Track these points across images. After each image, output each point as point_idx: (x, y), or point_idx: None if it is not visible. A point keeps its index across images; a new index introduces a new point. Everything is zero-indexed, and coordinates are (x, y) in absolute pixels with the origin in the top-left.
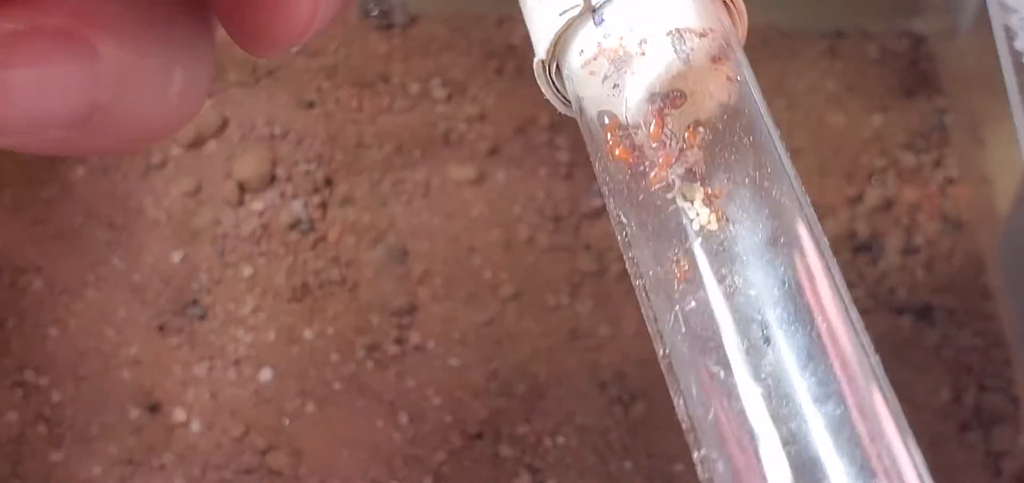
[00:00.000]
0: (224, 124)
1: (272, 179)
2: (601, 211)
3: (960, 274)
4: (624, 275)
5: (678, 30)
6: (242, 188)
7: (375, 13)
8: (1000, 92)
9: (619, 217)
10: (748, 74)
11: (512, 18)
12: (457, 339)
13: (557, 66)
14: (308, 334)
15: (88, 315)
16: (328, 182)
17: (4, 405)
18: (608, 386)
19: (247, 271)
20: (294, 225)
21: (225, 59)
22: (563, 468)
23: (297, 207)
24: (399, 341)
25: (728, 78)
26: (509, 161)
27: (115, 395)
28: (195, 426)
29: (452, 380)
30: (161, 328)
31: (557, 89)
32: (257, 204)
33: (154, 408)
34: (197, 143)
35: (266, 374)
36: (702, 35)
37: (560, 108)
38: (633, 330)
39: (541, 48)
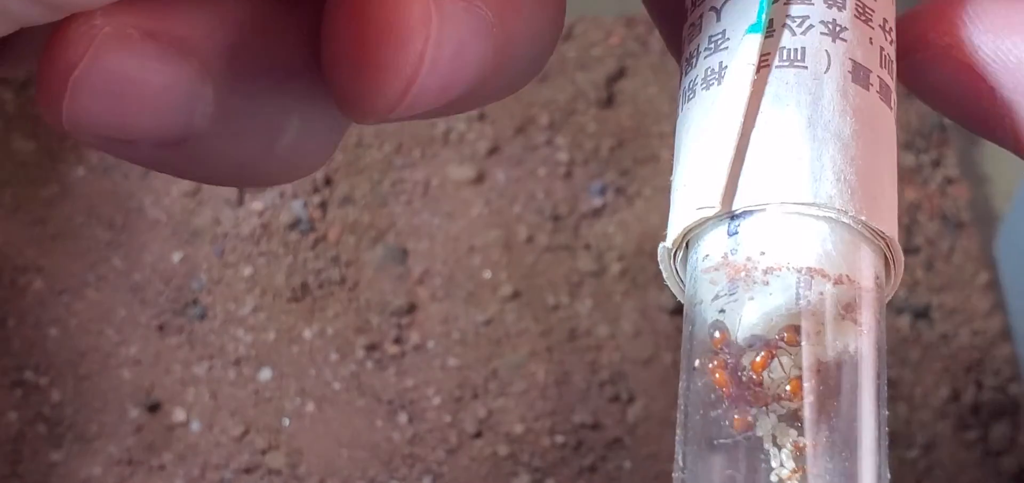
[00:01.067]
0: None
1: None
2: (600, 211)
3: (959, 273)
4: (623, 275)
5: (810, 270)
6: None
7: None
8: None
9: (681, 458)
10: (878, 331)
11: None
12: (456, 339)
13: (684, 254)
14: (308, 334)
15: (88, 315)
16: (328, 182)
17: (4, 404)
18: (607, 385)
19: (247, 271)
20: (294, 225)
21: None
22: (562, 467)
23: (297, 207)
24: (399, 341)
25: (853, 332)
26: (509, 161)
27: (115, 395)
28: (195, 426)
29: (451, 380)
30: (161, 328)
31: (678, 276)
32: (257, 204)
33: (154, 408)
34: None
35: (266, 374)
36: (835, 282)
37: (677, 295)
38: (632, 330)
39: (670, 234)
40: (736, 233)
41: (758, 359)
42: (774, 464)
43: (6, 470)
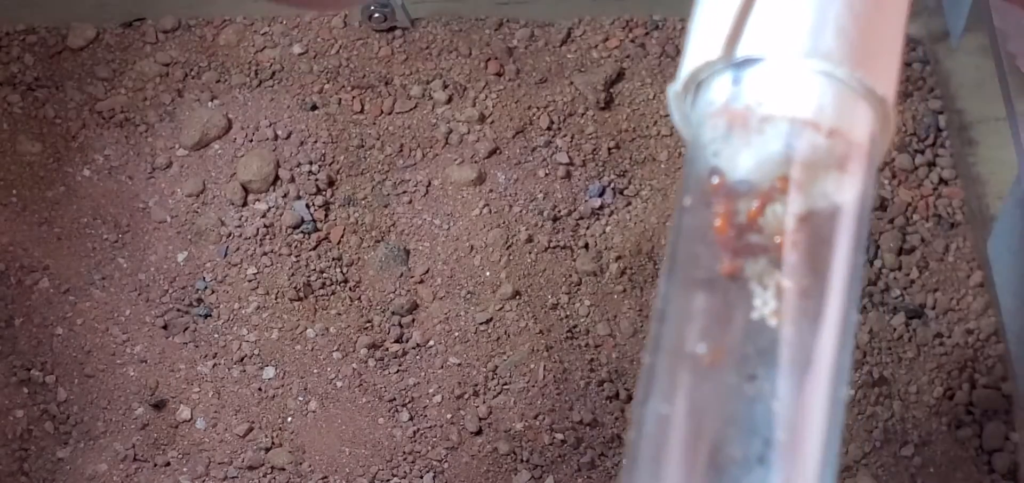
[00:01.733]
0: (228, 126)
1: (275, 180)
2: (599, 211)
3: (953, 273)
4: (622, 275)
5: (803, 121)
6: (246, 189)
7: (377, 16)
8: (993, 94)
9: (664, 286)
10: (864, 186)
11: (512, 21)
12: (457, 337)
13: (694, 100)
14: (310, 333)
15: (94, 314)
16: (330, 183)
17: (11, 402)
18: (605, 384)
19: (251, 271)
20: (297, 225)
21: (228, 62)
22: (561, 464)
23: (300, 208)
24: (400, 339)
25: (841, 184)
26: (508, 162)
27: (121, 393)
28: (199, 423)
29: (452, 378)
30: (166, 327)
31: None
32: (260, 205)
33: (159, 405)
34: (201, 145)
35: (269, 372)
36: (828, 134)
37: (685, 137)
38: (630, 328)
39: (679, 77)
40: (739, 82)
41: (753, 208)
42: (757, 302)
43: (13, 467)
